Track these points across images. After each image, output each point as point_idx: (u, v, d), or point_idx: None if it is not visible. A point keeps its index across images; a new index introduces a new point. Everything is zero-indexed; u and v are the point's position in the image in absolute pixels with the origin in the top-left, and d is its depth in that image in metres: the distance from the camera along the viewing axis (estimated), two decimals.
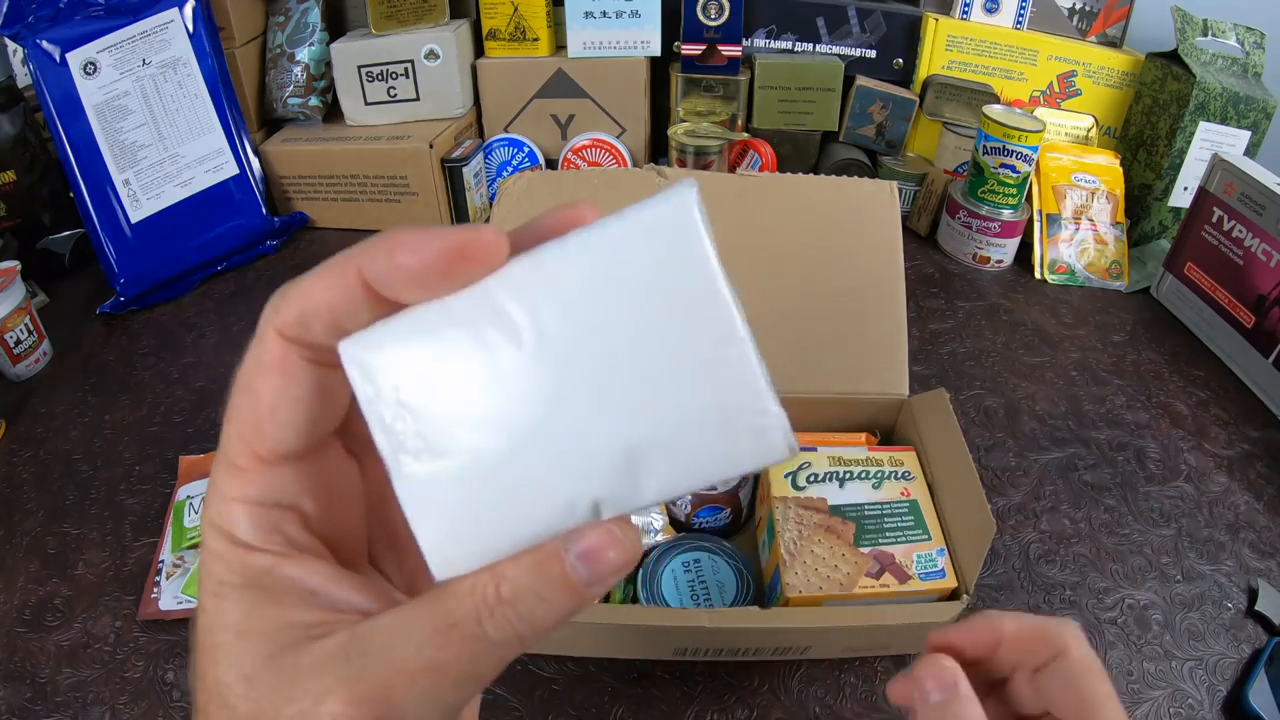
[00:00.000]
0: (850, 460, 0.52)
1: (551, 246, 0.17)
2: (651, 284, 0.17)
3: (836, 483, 0.51)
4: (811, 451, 0.53)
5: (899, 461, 0.53)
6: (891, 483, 0.52)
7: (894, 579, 0.47)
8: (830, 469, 0.52)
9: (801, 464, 0.52)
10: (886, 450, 0.54)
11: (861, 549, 0.48)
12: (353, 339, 0.18)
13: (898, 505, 0.51)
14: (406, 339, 0.18)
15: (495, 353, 0.17)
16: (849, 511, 0.50)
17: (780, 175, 0.60)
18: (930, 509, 0.51)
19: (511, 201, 0.58)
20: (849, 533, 0.49)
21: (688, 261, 0.17)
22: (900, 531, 0.49)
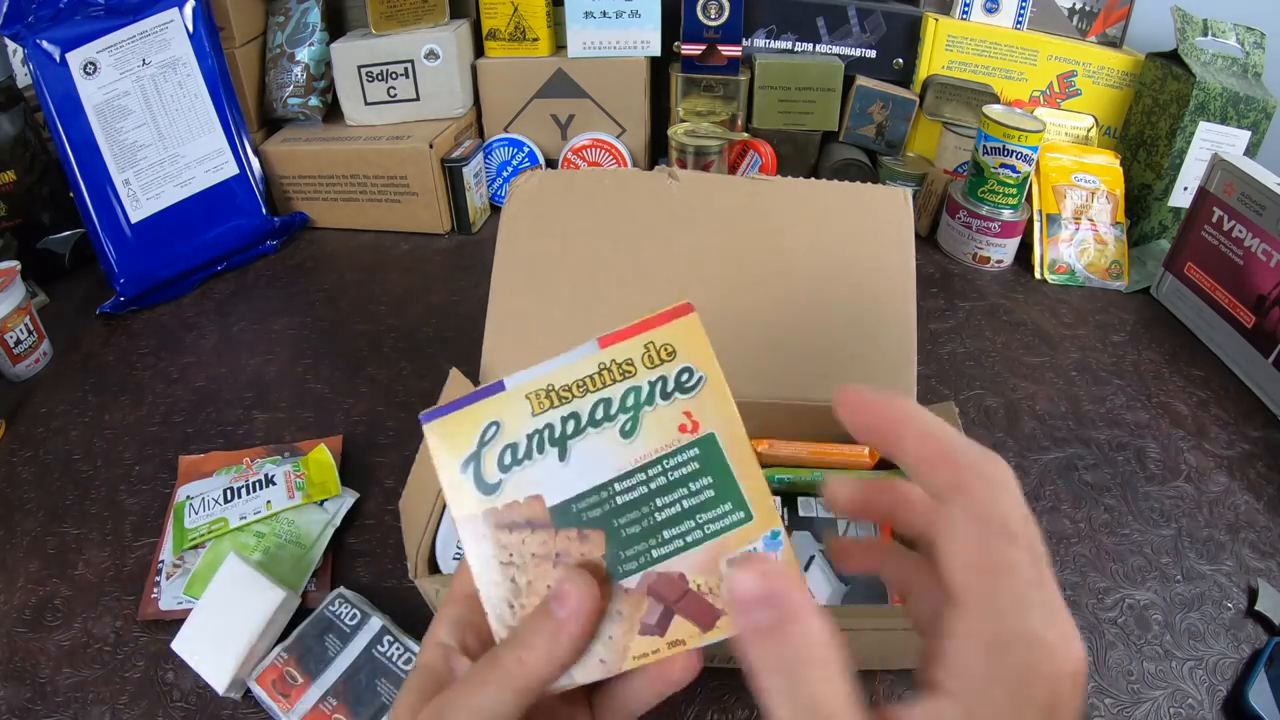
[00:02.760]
0: (569, 384, 0.28)
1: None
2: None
3: (554, 448, 0.28)
4: (494, 393, 0.28)
5: (667, 349, 0.28)
6: (659, 409, 0.28)
7: (693, 625, 0.27)
8: (536, 420, 0.28)
9: (485, 427, 0.28)
10: (639, 330, 0.28)
11: (624, 581, 0.27)
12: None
13: (679, 460, 0.28)
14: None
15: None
16: (587, 509, 0.28)
17: (793, 180, 0.59)
18: (741, 445, 0.28)
19: (520, 201, 0.58)
20: (595, 553, 0.28)
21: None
22: (691, 516, 0.27)
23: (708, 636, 0.27)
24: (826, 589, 0.51)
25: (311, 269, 0.88)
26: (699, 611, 0.27)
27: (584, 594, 0.25)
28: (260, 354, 0.75)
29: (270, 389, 0.70)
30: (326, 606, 0.49)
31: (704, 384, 0.28)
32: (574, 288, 0.58)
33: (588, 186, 0.60)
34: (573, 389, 0.28)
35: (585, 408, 0.28)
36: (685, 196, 0.58)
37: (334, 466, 0.59)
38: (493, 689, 0.24)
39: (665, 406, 0.28)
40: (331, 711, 0.44)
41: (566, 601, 0.25)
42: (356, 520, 0.58)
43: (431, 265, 0.89)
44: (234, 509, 0.55)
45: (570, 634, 0.25)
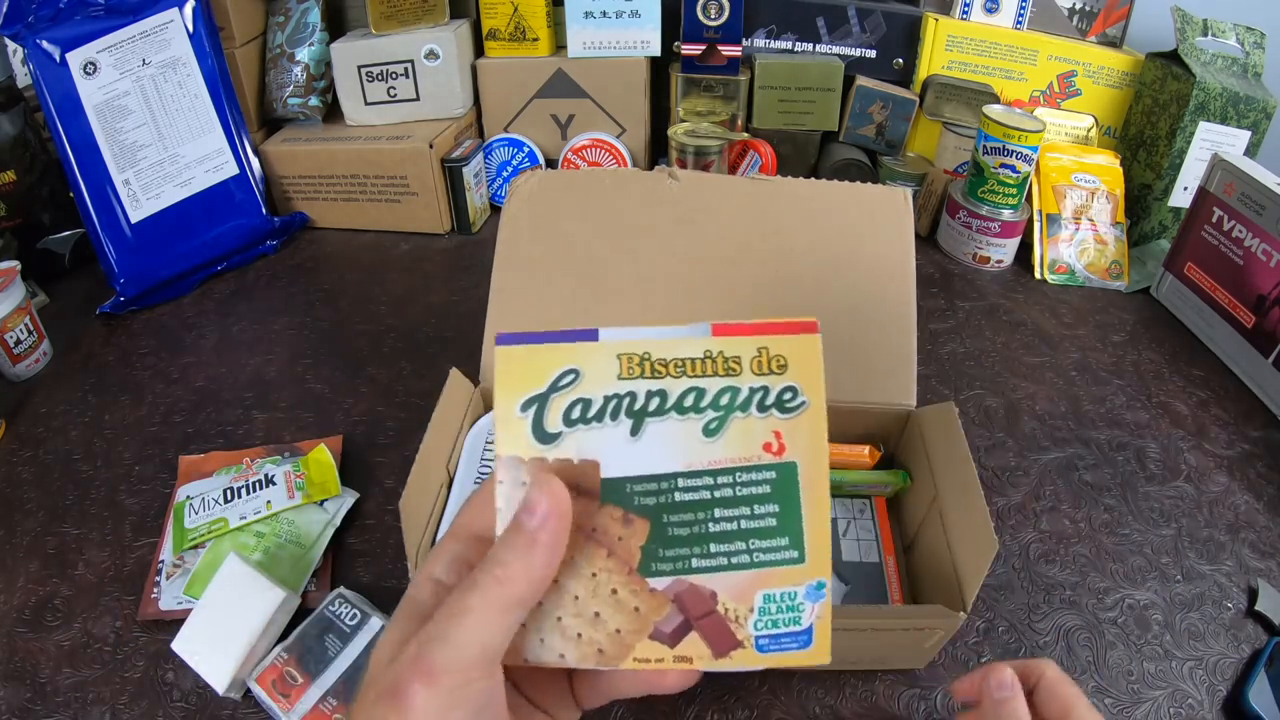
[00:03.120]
0: (668, 359, 0.26)
1: None
2: None
3: (628, 418, 0.26)
4: (584, 339, 0.27)
5: (779, 360, 0.27)
6: (751, 419, 0.26)
7: (706, 647, 0.26)
8: (620, 384, 0.26)
9: (563, 371, 0.26)
10: (758, 331, 0.27)
11: (653, 581, 0.26)
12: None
13: (753, 477, 0.26)
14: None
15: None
16: (642, 493, 0.26)
17: (793, 180, 0.59)
18: (820, 486, 0.26)
19: (521, 201, 0.58)
20: (634, 542, 0.26)
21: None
22: (745, 539, 0.26)
23: (718, 663, 0.26)
24: None
25: (311, 269, 0.88)
26: (718, 635, 0.26)
27: (553, 502, 0.24)
28: (260, 354, 0.75)
29: (270, 389, 0.70)
30: (326, 606, 0.49)
31: (804, 409, 0.26)
32: (574, 288, 0.58)
33: (588, 186, 0.60)
34: (669, 366, 0.26)
35: (676, 390, 0.26)
36: (685, 196, 0.58)
37: (334, 466, 0.59)
38: (474, 616, 0.23)
39: (758, 419, 0.26)
40: (331, 711, 0.44)
41: (535, 510, 0.24)
42: (356, 520, 0.58)
43: (431, 265, 0.89)
44: (234, 509, 0.55)
45: (544, 545, 0.24)
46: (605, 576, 0.26)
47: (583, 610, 0.26)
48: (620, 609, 0.26)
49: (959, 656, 0.50)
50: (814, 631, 0.26)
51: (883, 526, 0.55)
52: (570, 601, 0.26)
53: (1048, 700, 0.37)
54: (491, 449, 0.53)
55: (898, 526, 0.56)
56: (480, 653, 0.23)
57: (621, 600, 0.26)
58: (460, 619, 0.23)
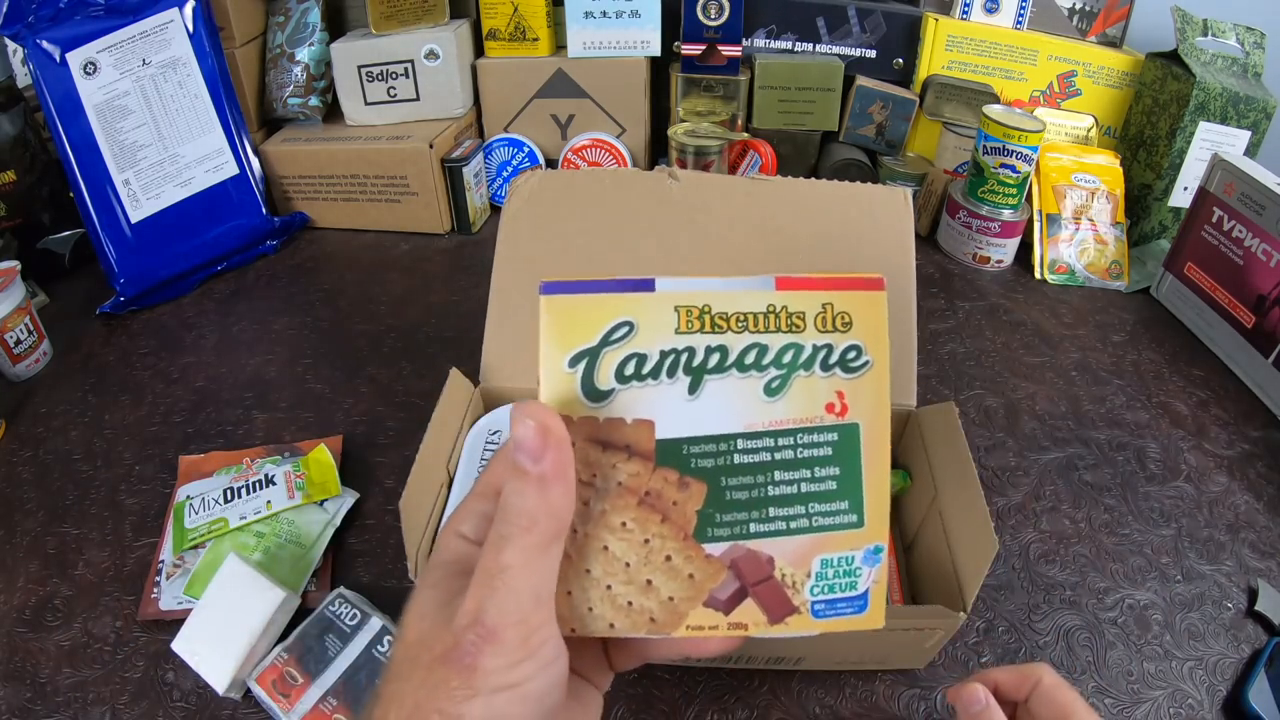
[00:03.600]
0: (729, 313, 0.25)
1: None
2: None
3: (686, 375, 0.25)
4: (640, 289, 0.25)
5: (844, 317, 0.26)
6: (814, 378, 0.25)
7: (761, 613, 0.25)
8: (678, 339, 0.25)
9: (617, 324, 0.25)
10: (823, 285, 0.26)
11: (709, 547, 0.25)
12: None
13: (815, 439, 0.25)
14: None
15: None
16: (699, 455, 0.25)
17: (793, 180, 0.59)
18: (881, 449, 0.26)
19: (521, 201, 0.58)
20: (690, 506, 0.25)
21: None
22: (805, 502, 0.25)
23: (773, 630, 0.26)
24: None
25: (311, 269, 0.88)
26: (774, 601, 0.25)
27: (543, 431, 0.23)
28: (260, 354, 0.75)
29: (270, 389, 0.70)
30: (326, 606, 0.49)
31: (868, 369, 0.25)
32: None
33: (588, 186, 0.60)
34: (731, 320, 0.25)
35: (737, 346, 0.25)
36: (685, 196, 0.58)
37: (334, 466, 0.59)
38: (515, 568, 0.23)
39: (821, 378, 0.25)
40: (332, 711, 0.44)
41: (528, 447, 0.23)
42: (356, 520, 0.58)
43: (431, 265, 0.89)
44: (234, 509, 0.55)
45: (553, 476, 0.23)
46: (659, 543, 0.25)
47: (634, 578, 0.25)
48: (674, 576, 0.25)
49: (959, 657, 0.50)
50: (869, 596, 0.26)
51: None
52: (621, 569, 0.25)
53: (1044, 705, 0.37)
54: (492, 449, 0.53)
55: (898, 526, 0.56)
56: (533, 598, 0.23)
57: (676, 567, 0.25)
58: (503, 576, 0.23)
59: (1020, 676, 0.38)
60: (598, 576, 0.25)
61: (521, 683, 0.22)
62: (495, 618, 0.22)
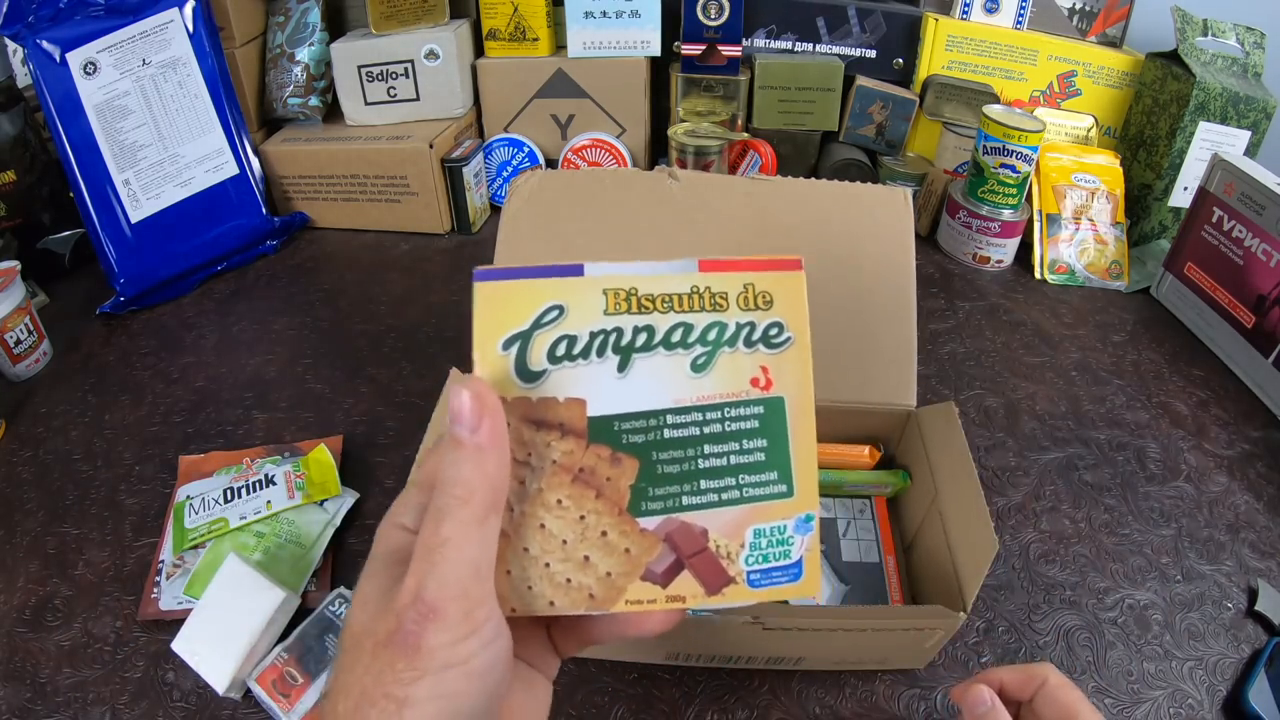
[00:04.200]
0: (655, 294, 0.26)
1: None
2: None
3: (615, 355, 0.26)
4: (569, 274, 0.26)
5: (765, 296, 0.27)
6: (739, 354, 0.27)
7: (698, 585, 0.26)
8: (607, 320, 0.26)
9: (547, 307, 0.26)
10: (744, 267, 0.27)
11: (643, 521, 0.26)
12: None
13: (741, 412, 0.26)
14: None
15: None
16: (630, 431, 0.26)
17: (793, 180, 0.59)
18: (806, 420, 0.27)
19: (521, 201, 0.58)
20: (623, 481, 0.26)
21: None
22: (735, 474, 0.26)
23: (711, 600, 0.26)
24: (826, 589, 0.51)
25: (311, 269, 0.88)
26: (710, 572, 0.26)
27: (477, 400, 0.23)
28: (260, 354, 0.75)
29: (270, 389, 0.70)
30: (326, 606, 0.49)
31: (790, 344, 0.27)
32: None
33: (588, 186, 0.60)
34: (657, 301, 0.26)
35: (663, 325, 0.26)
36: (685, 196, 0.58)
37: (334, 466, 0.59)
38: (453, 541, 0.23)
39: (745, 354, 0.27)
40: None
41: (463, 417, 0.23)
42: (356, 520, 0.58)
43: (431, 265, 0.89)
44: (234, 509, 0.55)
45: (488, 445, 0.23)
46: (594, 519, 0.26)
47: (571, 555, 0.26)
48: (611, 551, 0.26)
49: (959, 657, 0.50)
50: (804, 564, 0.27)
51: (883, 526, 0.55)
52: (559, 547, 0.26)
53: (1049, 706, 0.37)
54: None
55: (898, 526, 0.56)
56: (473, 572, 0.23)
57: (612, 542, 0.25)
58: (441, 550, 0.23)
59: (1025, 676, 0.38)
60: (536, 554, 0.26)
61: (467, 659, 0.22)
62: (436, 592, 0.22)
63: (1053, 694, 0.37)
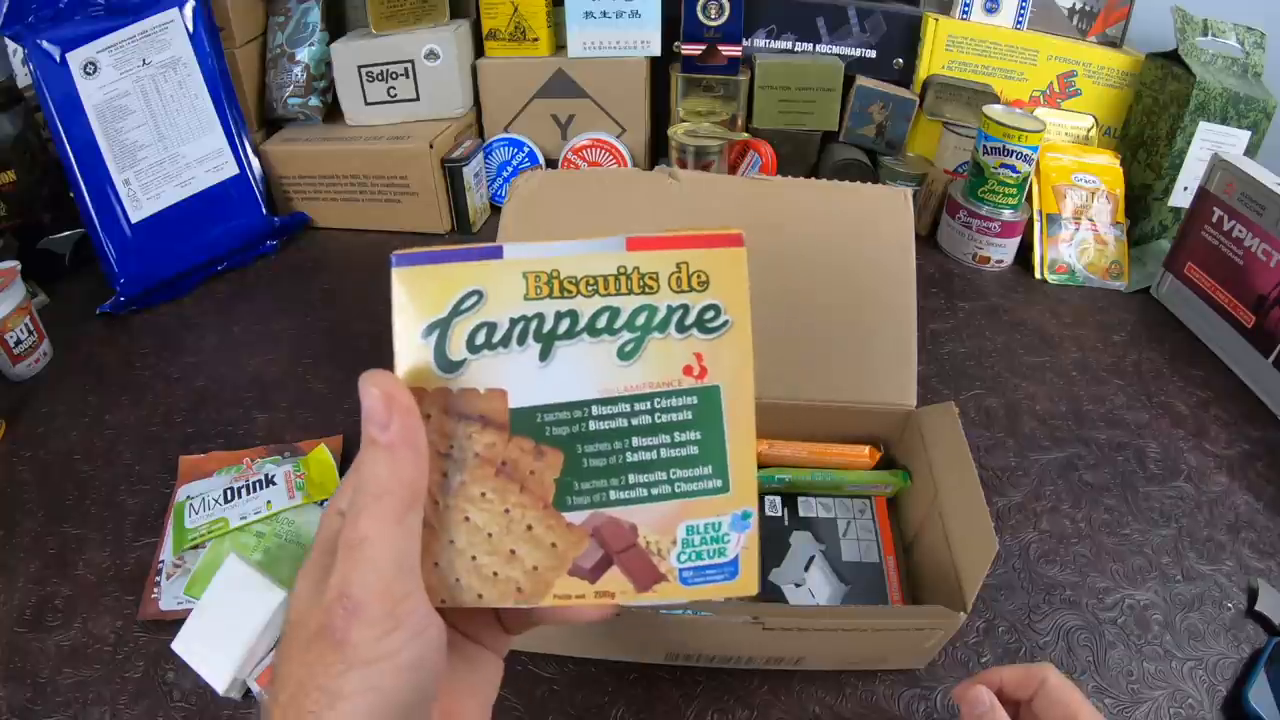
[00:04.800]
0: (578, 276, 0.25)
1: None
2: None
3: (536, 342, 0.25)
4: (488, 257, 0.25)
5: (700, 276, 0.25)
6: (670, 340, 0.25)
7: (628, 581, 0.25)
8: (527, 305, 0.25)
9: (466, 293, 0.25)
10: (677, 244, 0.25)
11: (569, 515, 0.25)
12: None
13: (673, 403, 0.25)
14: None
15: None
16: (554, 423, 0.25)
17: (793, 180, 0.59)
18: (745, 411, 0.25)
19: (521, 201, 0.58)
20: (547, 475, 0.25)
21: None
22: (666, 468, 0.25)
23: (642, 597, 0.25)
24: (826, 589, 0.51)
25: (311, 269, 0.88)
26: (640, 569, 0.25)
27: (386, 399, 0.23)
28: (260, 354, 0.75)
29: (270, 389, 0.70)
30: None
31: (728, 329, 0.25)
32: None
33: (588, 186, 0.60)
34: (580, 284, 0.24)
35: (588, 310, 0.24)
36: (685, 196, 0.58)
37: (334, 466, 0.59)
38: (372, 538, 0.23)
39: (677, 340, 0.25)
40: None
41: (375, 416, 0.23)
42: None
43: None
44: (234, 509, 0.55)
45: (400, 443, 0.23)
46: (519, 512, 0.25)
47: (497, 548, 0.25)
48: (537, 545, 0.25)
49: (959, 656, 0.50)
50: (740, 562, 0.26)
51: (883, 526, 0.55)
52: (484, 540, 0.25)
53: (1049, 706, 0.37)
54: None
55: (898, 526, 0.56)
56: (395, 567, 0.23)
57: (537, 536, 0.25)
58: (361, 547, 0.23)
59: (1025, 676, 0.38)
60: (462, 547, 0.25)
61: (394, 653, 0.23)
62: (359, 590, 0.22)
63: (1052, 694, 0.37)
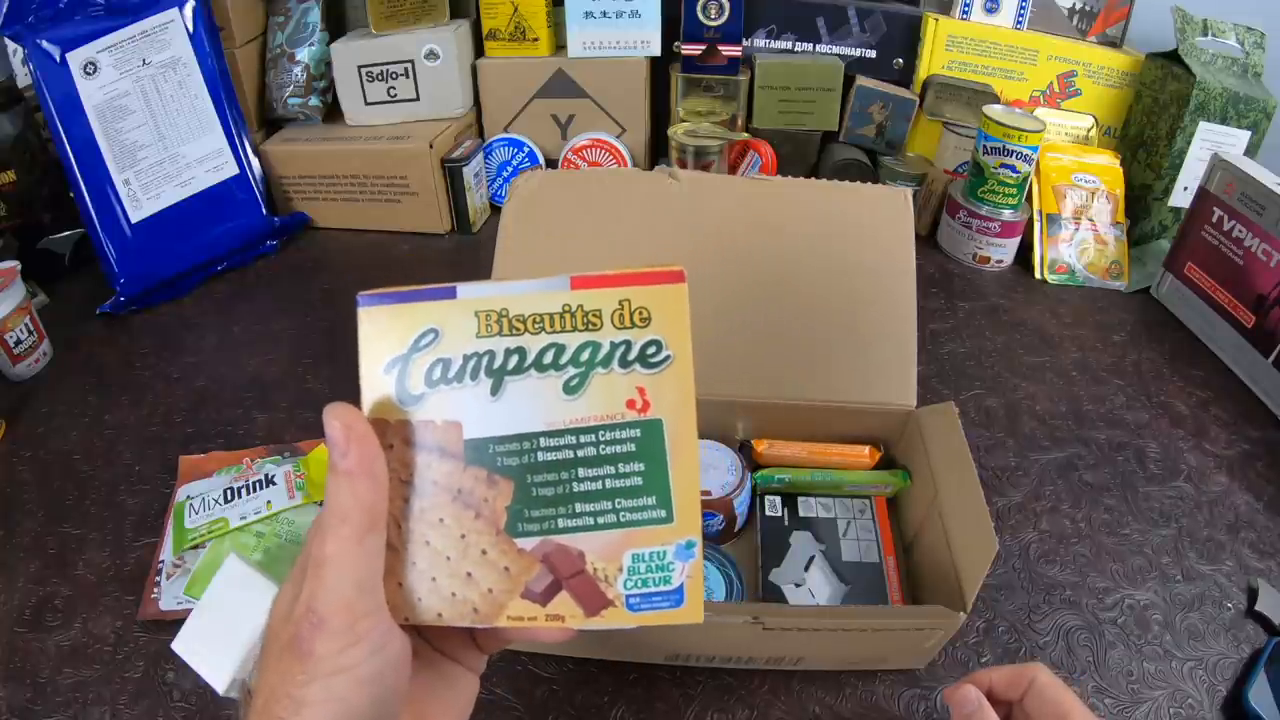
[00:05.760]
0: (525, 315, 0.26)
1: None
2: None
3: (487, 378, 0.26)
4: (443, 298, 0.26)
5: (641, 313, 0.26)
6: (613, 375, 0.26)
7: (577, 606, 0.26)
8: (479, 342, 0.26)
9: (423, 331, 0.26)
10: (619, 282, 0.26)
11: (520, 541, 0.26)
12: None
13: (616, 435, 0.26)
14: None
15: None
16: (505, 454, 0.26)
17: (793, 180, 0.59)
18: (687, 443, 0.26)
19: (521, 201, 0.58)
20: (499, 503, 0.26)
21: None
22: (611, 498, 0.26)
23: (590, 621, 0.26)
24: (826, 589, 0.51)
25: (311, 269, 0.88)
26: (588, 594, 0.26)
27: (344, 429, 0.25)
28: (260, 354, 0.75)
29: (270, 389, 0.70)
30: None
31: (669, 364, 0.26)
32: None
33: (588, 186, 0.60)
34: (528, 322, 0.26)
35: (535, 347, 0.26)
36: (685, 196, 0.58)
37: None
38: (334, 559, 0.25)
39: (620, 375, 0.26)
40: None
41: (335, 444, 0.25)
42: None
43: (432, 265, 0.89)
44: (234, 509, 0.55)
45: (359, 470, 0.25)
46: (474, 538, 0.26)
47: (456, 570, 0.26)
48: (491, 569, 0.26)
49: (959, 656, 0.50)
50: (685, 590, 0.27)
51: (883, 526, 0.55)
52: (443, 562, 0.26)
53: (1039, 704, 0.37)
54: None
55: (898, 526, 0.56)
56: (355, 587, 0.25)
57: (491, 560, 0.26)
58: (325, 567, 0.25)
59: (1015, 676, 0.39)
60: (423, 569, 0.27)
61: (353, 666, 0.24)
62: (323, 606, 0.24)
63: (1043, 693, 0.37)
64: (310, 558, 0.25)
